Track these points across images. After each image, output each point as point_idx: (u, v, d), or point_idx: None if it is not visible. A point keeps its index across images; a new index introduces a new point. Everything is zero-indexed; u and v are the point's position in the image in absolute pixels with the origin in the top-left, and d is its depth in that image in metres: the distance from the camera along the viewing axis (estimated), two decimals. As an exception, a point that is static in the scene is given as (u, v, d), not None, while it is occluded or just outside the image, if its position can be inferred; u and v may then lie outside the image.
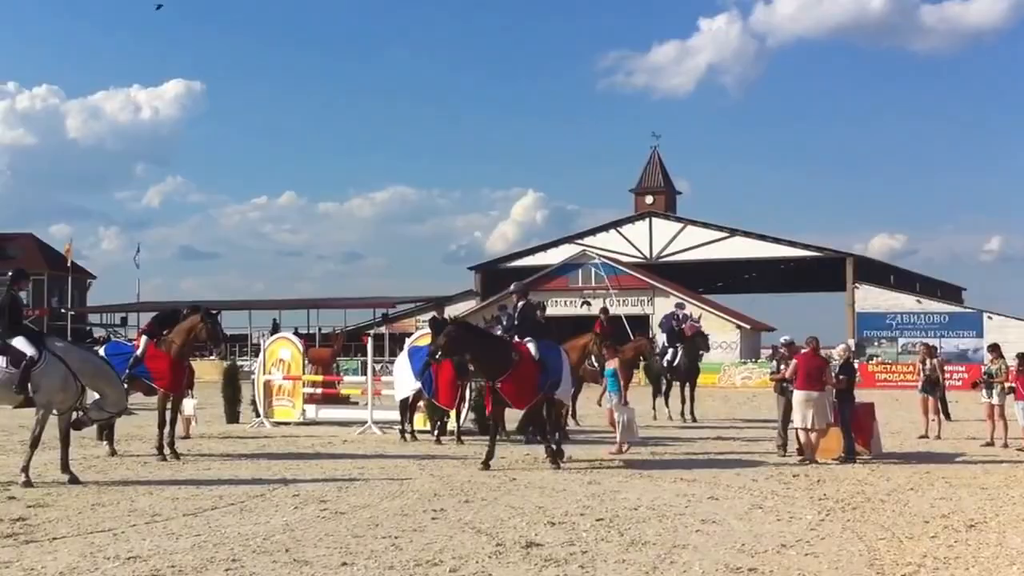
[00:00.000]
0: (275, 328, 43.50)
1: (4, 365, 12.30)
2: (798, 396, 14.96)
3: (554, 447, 14.70)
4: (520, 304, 15.69)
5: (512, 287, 16.16)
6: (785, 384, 15.87)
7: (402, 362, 18.61)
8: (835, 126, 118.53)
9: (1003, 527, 9.97)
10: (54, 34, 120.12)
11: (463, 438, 17.55)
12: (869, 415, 16.21)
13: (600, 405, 17.65)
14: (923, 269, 68.14)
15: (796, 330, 16.47)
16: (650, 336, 25.70)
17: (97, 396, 13.05)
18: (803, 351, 15.37)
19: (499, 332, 18.56)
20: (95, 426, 16.21)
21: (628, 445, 16.05)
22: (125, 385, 15.09)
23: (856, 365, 40.72)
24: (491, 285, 59.24)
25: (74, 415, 12.77)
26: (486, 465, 14.06)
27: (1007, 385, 17.20)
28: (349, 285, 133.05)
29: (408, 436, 18.11)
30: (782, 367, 16.17)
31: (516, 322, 15.51)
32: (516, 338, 15.08)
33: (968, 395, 23.99)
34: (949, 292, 63.41)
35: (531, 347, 14.71)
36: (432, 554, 8.44)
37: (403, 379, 18.14)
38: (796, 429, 15.16)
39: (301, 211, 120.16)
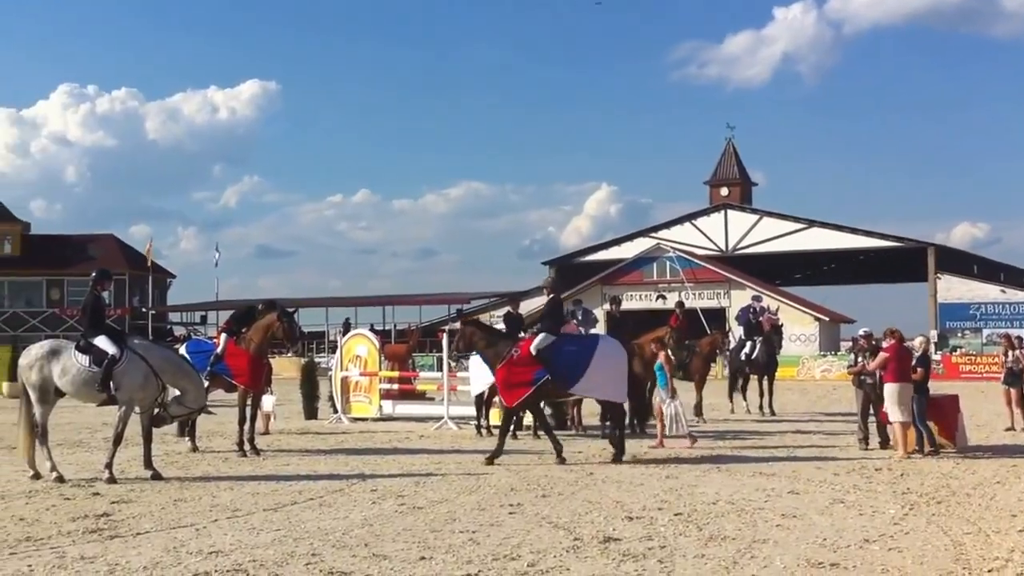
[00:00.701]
0: (347, 327, 43.68)
1: (87, 364, 12.55)
2: (895, 389, 14.55)
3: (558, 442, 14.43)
4: (549, 297, 15.44)
5: (543, 281, 15.91)
6: (863, 377, 15.59)
7: (478, 357, 18.57)
8: (914, 114, 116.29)
9: (1096, 522, 9.67)
10: (133, 38, 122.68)
11: (540, 433, 17.50)
12: (953, 407, 15.84)
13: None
14: (1007, 258, 66.82)
15: (877, 322, 16.23)
16: (725, 330, 25.43)
17: (177, 393, 13.26)
18: (889, 343, 15.00)
19: (574, 325, 18.44)
20: (176, 423, 16.57)
21: (691, 438, 16.00)
22: (206, 383, 15.36)
23: (939, 357, 39.86)
24: (565, 280, 59.12)
25: (155, 411, 13.01)
26: (561, 459, 14.03)
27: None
28: (423, 281, 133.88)
29: (484, 431, 18.14)
30: (860, 359, 15.87)
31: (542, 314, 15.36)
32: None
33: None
34: (1035, 281, 61.79)
35: (536, 340, 14.45)
36: (510, 548, 8.42)
37: (479, 374, 18.14)
38: (894, 423, 14.75)
39: (375, 208, 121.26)
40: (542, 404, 17.55)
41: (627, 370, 14.73)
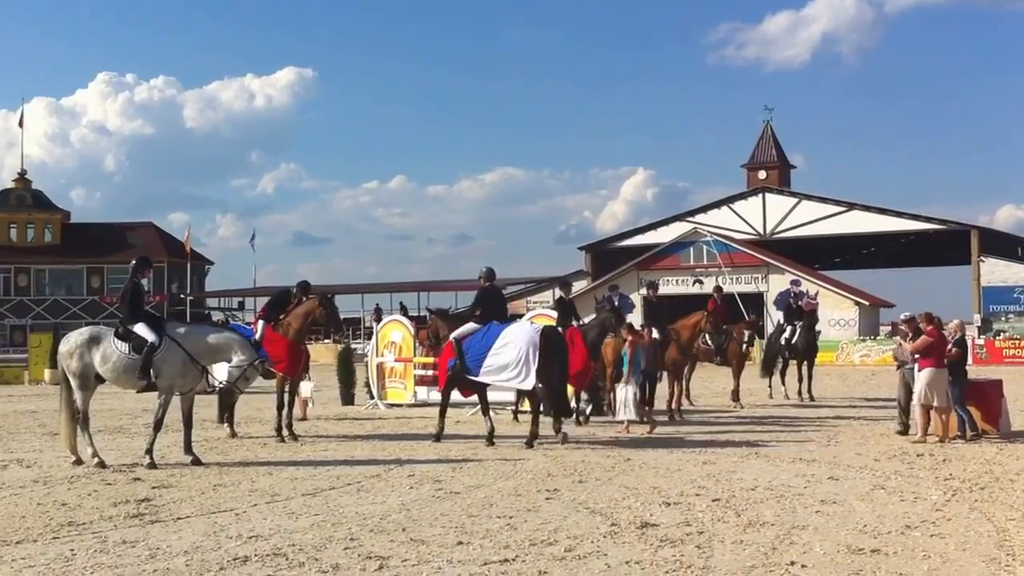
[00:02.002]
0: (379, 313, 43.33)
1: (127, 351, 12.64)
2: (932, 373, 14.39)
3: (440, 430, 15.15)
4: (485, 285, 15.77)
5: (479, 272, 15.93)
6: (901, 363, 15.45)
7: None
8: (957, 94, 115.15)
9: None
10: (170, 26, 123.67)
11: (581, 419, 17.45)
12: (997, 392, 15.64)
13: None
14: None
15: (919, 306, 15.93)
16: (751, 318, 25.25)
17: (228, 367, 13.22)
18: (929, 327, 14.83)
19: (607, 311, 18.34)
20: (217, 408, 16.72)
21: (627, 423, 16.05)
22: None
23: (982, 341, 39.40)
24: (602, 265, 59.01)
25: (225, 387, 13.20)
26: (489, 442, 14.45)
27: None
28: (459, 268, 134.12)
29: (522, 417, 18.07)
30: (903, 343, 15.72)
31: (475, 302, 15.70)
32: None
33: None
34: (1081, 264, 60.78)
35: (462, 329, 15.00)
36: (547, 534, 8.40)
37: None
38: (923, 408, 14.58)
39: (411, 195, 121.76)
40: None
41: (539, 355, 14.19)
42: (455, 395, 17.06)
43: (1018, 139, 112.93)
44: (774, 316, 29.22)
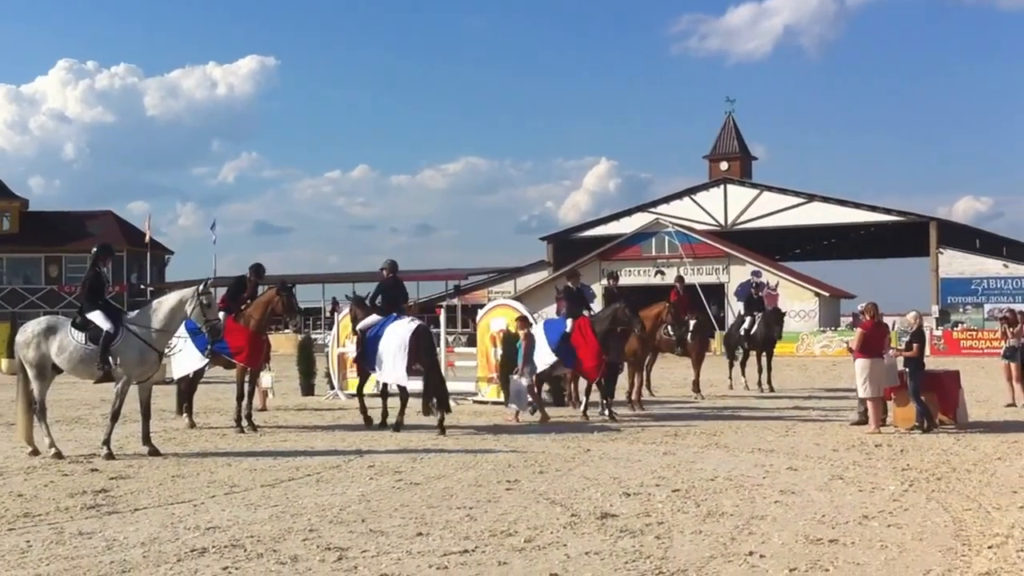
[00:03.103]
0: (335, 305, 42.81)
1: (84, 341, 12.50)
2: (866, 364, 14.55)
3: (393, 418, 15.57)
4: (387, 277, 16.21)
5: (382, 264, 16.28)
6: None
7: (542, 340, 17.41)
8: (917, 87, 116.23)
9: (1096, 497, 9.63)
10: (132, 13, 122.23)
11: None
12: (954, 383, 15.80)
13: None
14: (1010, 232, 66.70)
15: (878, 297, 16.18)
16: (717, 305, 25.39)
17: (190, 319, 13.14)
18: (866, 319, 15.03)
19: (619, 302, 18.24)
20: (176, 399, 16.59)
21: (519, 412, 16.38)
22: (206, 360, 15.40)
23: (940, 332, 39.76)
24: (563, 255, 59.06)
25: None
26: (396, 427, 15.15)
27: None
28: (422, 257, 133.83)
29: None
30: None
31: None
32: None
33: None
34: (1037, 256, 61.59)
35: (365, 321, 15.90)
36: (507, 524, 8.40)
37: (542, 354, 17.21)
38: (867, 399, 14.76)
39: (374, 184, 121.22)
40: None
41: (408, 352, 14.96)
42: (410, 384, 17.25)
43: (977, 131, 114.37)
44: (735, 307, 29.47)
